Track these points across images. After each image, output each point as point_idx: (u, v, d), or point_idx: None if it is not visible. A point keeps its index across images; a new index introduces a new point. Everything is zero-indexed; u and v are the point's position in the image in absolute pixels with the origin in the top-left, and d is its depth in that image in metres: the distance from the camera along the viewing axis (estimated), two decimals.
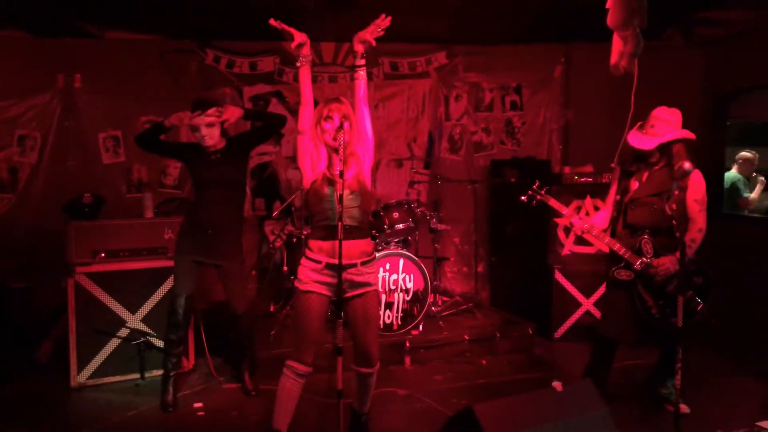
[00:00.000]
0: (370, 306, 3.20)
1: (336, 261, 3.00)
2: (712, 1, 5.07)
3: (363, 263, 3.16)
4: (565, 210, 3.84)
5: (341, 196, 2.97)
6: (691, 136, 3.62)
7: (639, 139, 3.68)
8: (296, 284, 3.17)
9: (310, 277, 3.12)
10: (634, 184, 3.79)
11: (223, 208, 4.03)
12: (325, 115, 3.14)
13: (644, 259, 3.67)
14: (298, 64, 3.24)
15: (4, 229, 5.55)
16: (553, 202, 3.86)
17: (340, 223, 2.95)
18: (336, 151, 3.05)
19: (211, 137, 3.94)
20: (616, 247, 3.72)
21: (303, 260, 3.17)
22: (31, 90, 5.65)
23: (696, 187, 3.67)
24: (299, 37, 3.18)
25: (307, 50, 3.19)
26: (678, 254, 3.45)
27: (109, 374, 4.45)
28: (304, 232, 5.21)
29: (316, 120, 3.18)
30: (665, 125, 3.62)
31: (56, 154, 5.73)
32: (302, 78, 3.22)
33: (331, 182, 3.10)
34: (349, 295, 3.15)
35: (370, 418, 3.55)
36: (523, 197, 3.92)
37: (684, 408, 3.71)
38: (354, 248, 3.11)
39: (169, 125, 3.98)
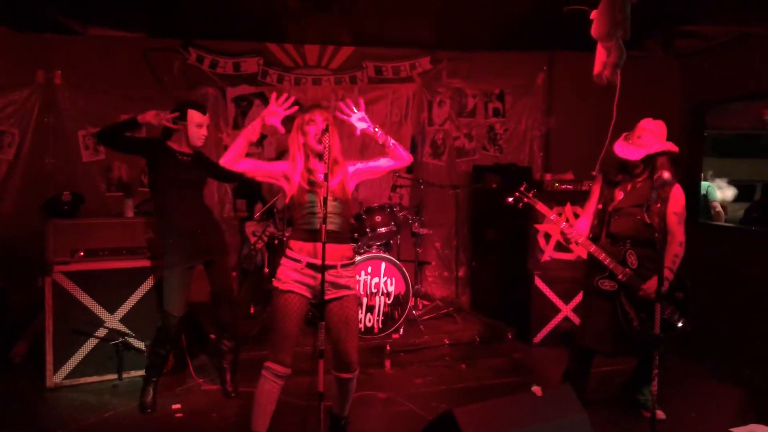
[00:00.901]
0: (349, 310, 3.21)
1: (317, 261, 3.03)
2: (692, 14, 5.17)
3: (343, 266, 3.18)
4: (551, 214, 3.82)
5: (325, 199, 2.99)
6: (675, 149, 3.66)
7: (626, 150, 3.67)
8: (275, 283, 3.17)
9: (290, 277, 3.13)
10: (619, 194, 3.79)
11: (201, 208, 4.08)
12: (307, 119, 3.15)
13: (628, 270, 3.69)
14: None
15: None
16: (540, 206, 3.85)
17: (323, 226, 2.97)
18: (320, 156, 3.08)
19: (202, 138, 3.97)
20: (602, 256, 3.71)
21: (283, 260, 3.18)
22: (10, 85, 5.55)
23: (676, 199, 3.70)
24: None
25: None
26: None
27: (86, 375, 4.39)
28: (286, 234, 5.21)
29: (296, 127, 3.19)
30: (652, 137, 3.63)
31: (34, 151, 5.64)
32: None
33: (311, 189, 3.13)
34: (328, 297, 3.16)
35: (349, 422, 3.56)
36: (509, 198, 3.89)
37: (660, 414, 3.77)
38: (335, 251, 3.13)
39: (143, 122, 3.87)
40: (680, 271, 3.72)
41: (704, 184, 6.46)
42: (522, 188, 3.88)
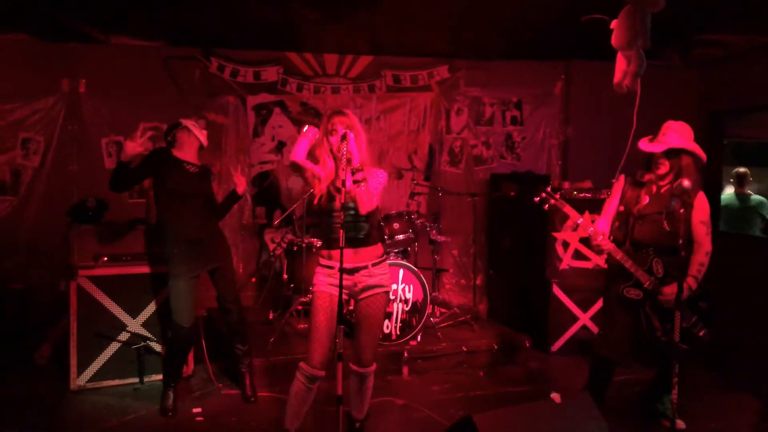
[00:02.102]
0: (372, 307, 3.29)
1: (348, 265, 3.16)
2: (711, 24, 5.17)
3: (374, 264, 3.27)
4: (579, 218, 3.71)
5: (344, 204, 3.08)
6: (701, 153, 3.60)
7: (650, 144, 3.64)
8: (312, 289, 3.27)
9: (324, 281, 3.23)
10: (644, 198, 3.70)
11: (206, 217, 4.12)
12: (330, 129, 3.20)
13: (654, 279, 3.61)
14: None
15: (5, 231, 5.56)
16: (567, 209, 3.71)
17: (342, 231, 3.00)
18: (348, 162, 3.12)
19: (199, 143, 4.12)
20: (628, 264, 3.62)
21: (317, 269, 3.29)
22: (36, 94, 5.69)
23: (701, 208, 3.64)
24: None
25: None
26: (686, 282, 3.47)
27: (108, 378, 4.46)
28: (306, 241, 5.25)
29: (322, 134, 3.24)
30: (677, 135, 3.60)
31: (59, 158, 5.76)
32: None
33: (336, 196, 3.17)
34: (361, 297, 3.26)
35: (366, 427, 3.58)
36: (536, 198, 3.77)
37: (680, 424, 3.73)
38: (365, 254, 3.25)
39: (129, 158, 3.81)
40: (704, 281, 3.65)
41: (760, 198, 6.45)
42: (548, 189, 3.80)
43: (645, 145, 3.66)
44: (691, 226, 3.63)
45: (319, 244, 5.23)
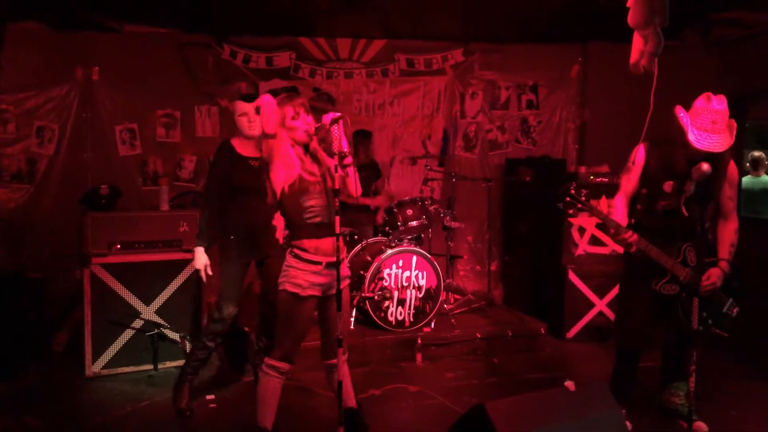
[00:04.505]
0: (347, 298, 3.25)
1: (333, 259, 3.03)
2: (731, 1, 5.03)
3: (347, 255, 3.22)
4: (613, 224, 3.38)
5: (336, 191, 3.02)
6: (734, 126, 3.27)
7: (708, 140, 3.16)
8: (290, 287, 3.06)
9: (310, 281, 3.07)
10: (668, 185, 3.38)
11: (262, 209, 3.98)
12: (296, 112, 3.10)
13: (688, 270, 3.38)
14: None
15: (22, 219, 5.60)
16: (596, 213, 3.39)
17: (337, 217, 2.99)
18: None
19: (257, 126, 3.79)
20: (663, 260, 3.34)
21: (297, 263, 3.07)
22: (50, 82, 5.69)
23: (732, 181, 3.40)
24: None
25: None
26: (720, 267, 3.36)
27: (122, 365, 4.50)
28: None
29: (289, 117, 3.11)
30: (725, 119, 3.20)
31: (73, 146, 5.77)
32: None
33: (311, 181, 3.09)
34: (334, 291, 3.10)
35: (375, 411, 3.57)
36: (559, 204, 3.44)
37: (701, 425, 3.56)
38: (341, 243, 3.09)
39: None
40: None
41: None
42: (572, 190, 3.39)
43: (702, 142, 3.16)
44: (720, 203, 3.44)
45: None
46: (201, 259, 3.79)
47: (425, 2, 5.09)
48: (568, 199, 3.39)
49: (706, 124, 3.17)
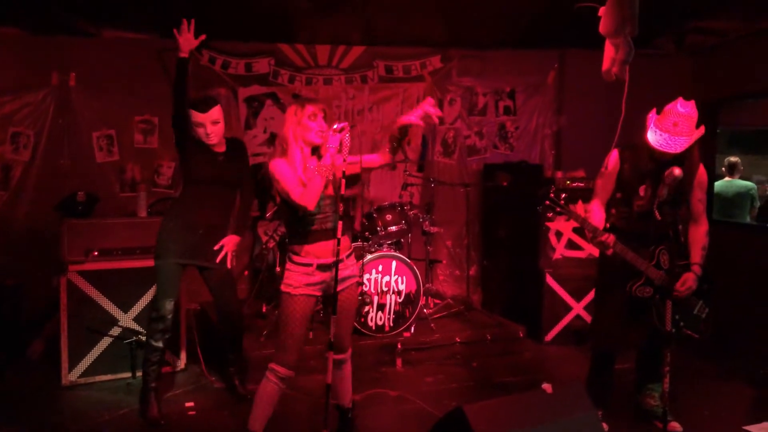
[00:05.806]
0: (352, 298, 3.34)
1: (327, 260, 3.13)
2: (703, 10, 5.13)
3: (347, 256, 3.26)
4: (591, 227, 3.46)
5: (339, 195, 3.11)
6: (702, 132, 3.36)
7: (667, 142, 3.26)
8: (283, 287, 3.14)
9: (301, 281, 3.12)
10: (642, 189, 3.50)
11: (217, 207, 3.92)
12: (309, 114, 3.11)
13: (662, 273, 3.49)
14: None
15: None
16: (575, 216, 3.49)
17: (340, 222, 3.09)
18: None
19: (216, 135, 3.81)
20: (638, 263, 3.45)
21: (290, 266, 3.15)
22: (26, 87, 5.62)
23: (702, 184, 3.51)
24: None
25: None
26: (694, 272, 3.47)
27: (100, 373, 4.45)
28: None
29: (296, 122, 3.13)
30: (689, 122, 3.27)
31: (49, 153, 5.69)
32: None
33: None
34: (339, 288, 3.19)
35: (357, 416, 3.58)
36: (539, 208, 3.61)
37: (675, 426, 3.67)
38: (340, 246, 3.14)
39: (188, 54, 3.75)
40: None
41: (748, 184, 6.49)
42: (551, 194, 3.50)
43: (661, 142, 3.27)
44: (690, 206, 3.55)
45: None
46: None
47: (404, 4, 5.11)
48: (547, 202, 3.50)
49: (668, 126, 3.27)
